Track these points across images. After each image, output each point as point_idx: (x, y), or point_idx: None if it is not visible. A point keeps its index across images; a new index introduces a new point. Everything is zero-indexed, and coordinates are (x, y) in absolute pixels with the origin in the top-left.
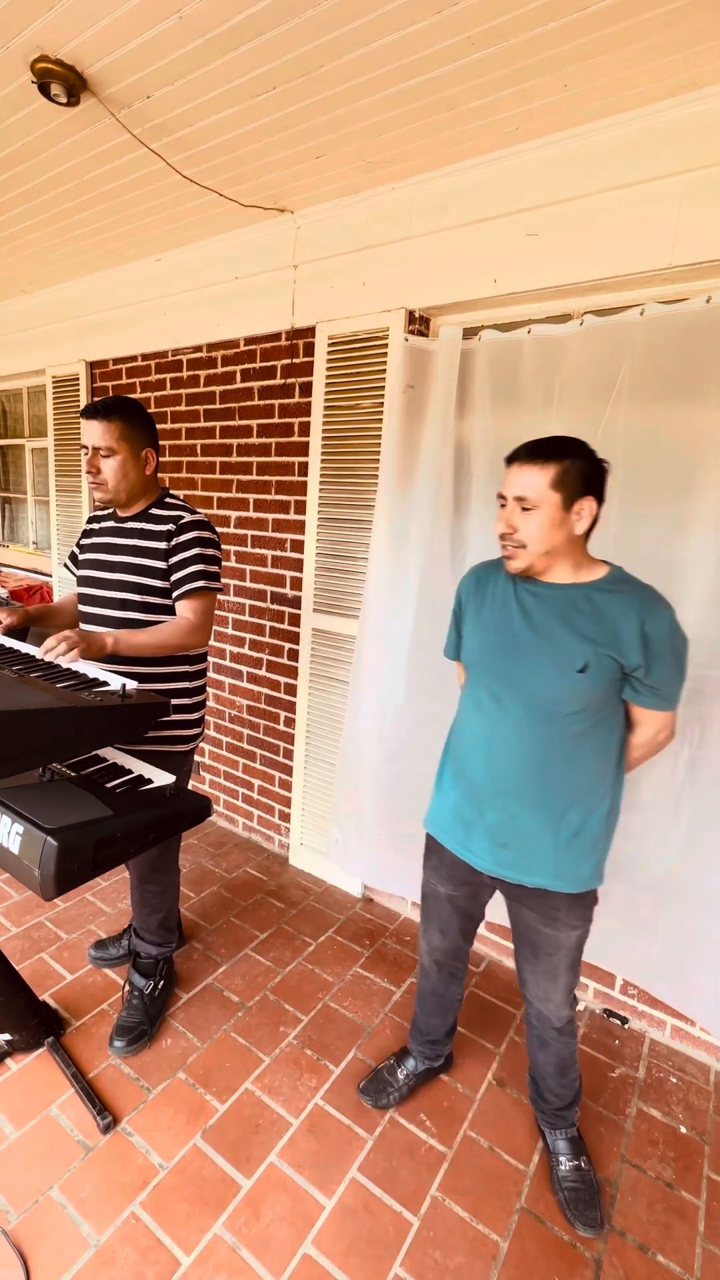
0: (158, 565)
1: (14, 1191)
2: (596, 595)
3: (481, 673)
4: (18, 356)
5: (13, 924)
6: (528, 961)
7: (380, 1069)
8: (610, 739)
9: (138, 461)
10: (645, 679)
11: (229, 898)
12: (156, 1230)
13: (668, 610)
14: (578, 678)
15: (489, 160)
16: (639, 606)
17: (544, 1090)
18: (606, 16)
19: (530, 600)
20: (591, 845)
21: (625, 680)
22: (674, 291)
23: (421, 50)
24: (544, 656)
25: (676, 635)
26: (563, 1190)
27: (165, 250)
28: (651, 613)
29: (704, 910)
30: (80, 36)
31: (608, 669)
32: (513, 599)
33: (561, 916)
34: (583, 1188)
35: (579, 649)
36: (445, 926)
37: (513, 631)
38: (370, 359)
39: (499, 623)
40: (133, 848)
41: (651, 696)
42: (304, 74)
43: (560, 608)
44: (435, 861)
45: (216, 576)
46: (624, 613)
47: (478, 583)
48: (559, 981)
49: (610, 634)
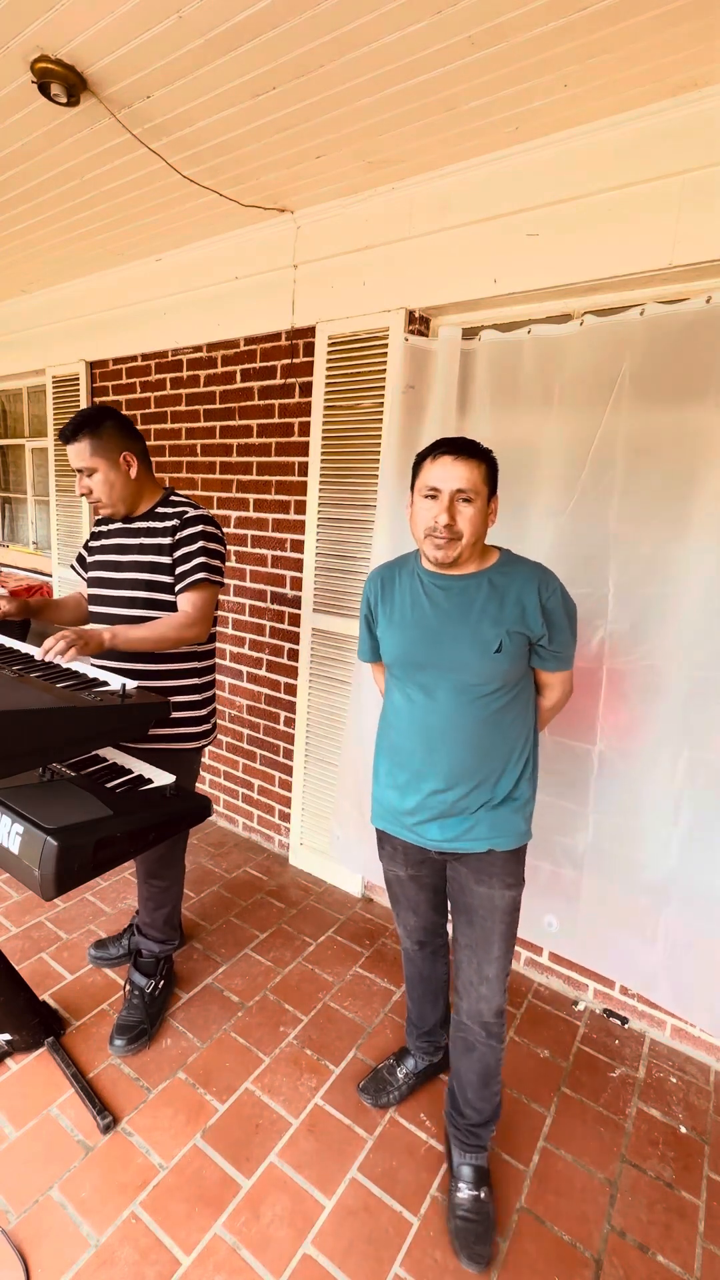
0: (164, 561)
1: (14, 1191)
2: (496, 578)
3: (408, 668)
4: (18, 356)
5: (13, 924)
6: (463, 933)
7: (379, 1068)
8: (527, 706)
9: (119, 469)
10: (549, 645)
11: (229, 898)
12: (156, 1230)
13: (557, 581)
14: (496, 658)
15: (489, 160)
16: (535, 581)
17: (460, 1103)
18: (606, 16)
19: (439, 594)
20: (523, 802)
21: (531, 651)
22: (674, 291)
23: (421, 50)
24: (463, 644)
25: (568, 601)
26: (455, 1218)
27: (165, 250)
28: (545, 585)
29: (704, 914)
30: (80, 36)
31: (519, 644)
32: (422, 594)
33: (496, 873)
34: (476, 1220)
35: (492, 631)
36: (415, 905)
37: (429, 626)
38: (370, 359)
39: (414, 619)
40: (133, 848)
41: (555, 660)
42: (304, 74)
43: (469, 595)
44: (389, 850)
45: (219, 571)
46: (524, 590)
47: (384, 585)
48: (492, 954)
49: (516, 612)
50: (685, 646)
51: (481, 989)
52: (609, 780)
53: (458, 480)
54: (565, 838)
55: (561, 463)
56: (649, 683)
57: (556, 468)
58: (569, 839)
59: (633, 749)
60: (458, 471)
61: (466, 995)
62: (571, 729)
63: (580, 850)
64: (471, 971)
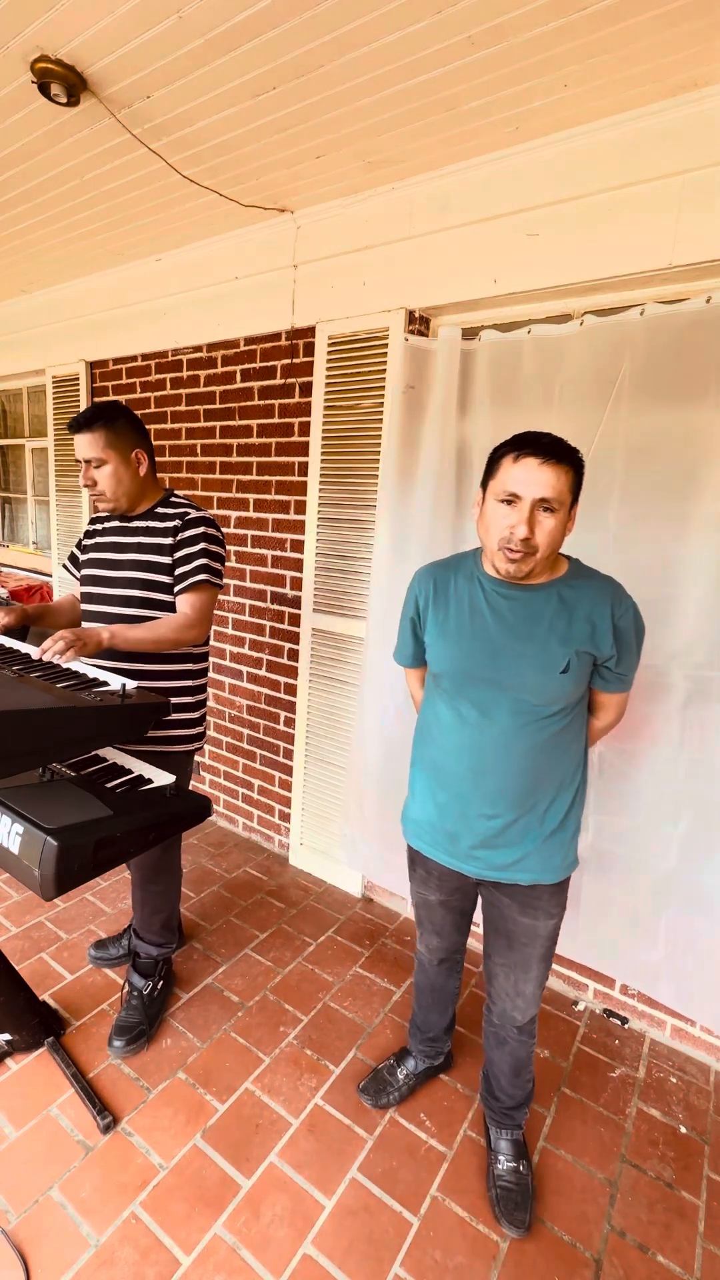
0: (163, 561)
1: (14, 1191)
2: (566, 592)
3: (462, 682)
4: (18, 356)
5: (13, 924)
6: (500, 955)
7: (380, 1069)
8: (582, 728)
9: (129, 465)
10: (615, 667)
11: (229, 898)
12: (156, 1230)
13: (630, 599)
14: (561, 679)
15: (489, 160)
16: (608, 597)
17: (495, 1089)
18: (606, 16)
19: (503, 604)
20: (572, 834)
21: (595, 671)
22: (674, 291)
23: (421, 50)
24: (527, 661)
25: (639, 620)
26: (496, 1187)
27: (165, 250)
28: (619, 603)
29: (705, 911)
30: (80, 36)
31: (585, 664)
32: (483, 603)
33: (542, 905)
34: (516, 1189)
35: (560, 650)
36: (441, 929)
37: (490, 638)
38: (370, 359)
39: (473, 630)
40: (133, 848)
41: (618, 682)
42: (304, 74)
43: (536, 609)
44: (421, 873)
45: (219, 573)
46: (595, 607)
47: (436, 587)
48: (530, 974)
49: (585, 630)
50: (685, 646)
51: (517, 1000)
52: (610, 781)
53: (542, 488)
54: None
55: None
56: (649, 682)
57: None
58: None
59: (633, 749)
60: (543, 477)
61: (500, 1001)
62: None
63: (581, 851)
64: (508, 985)
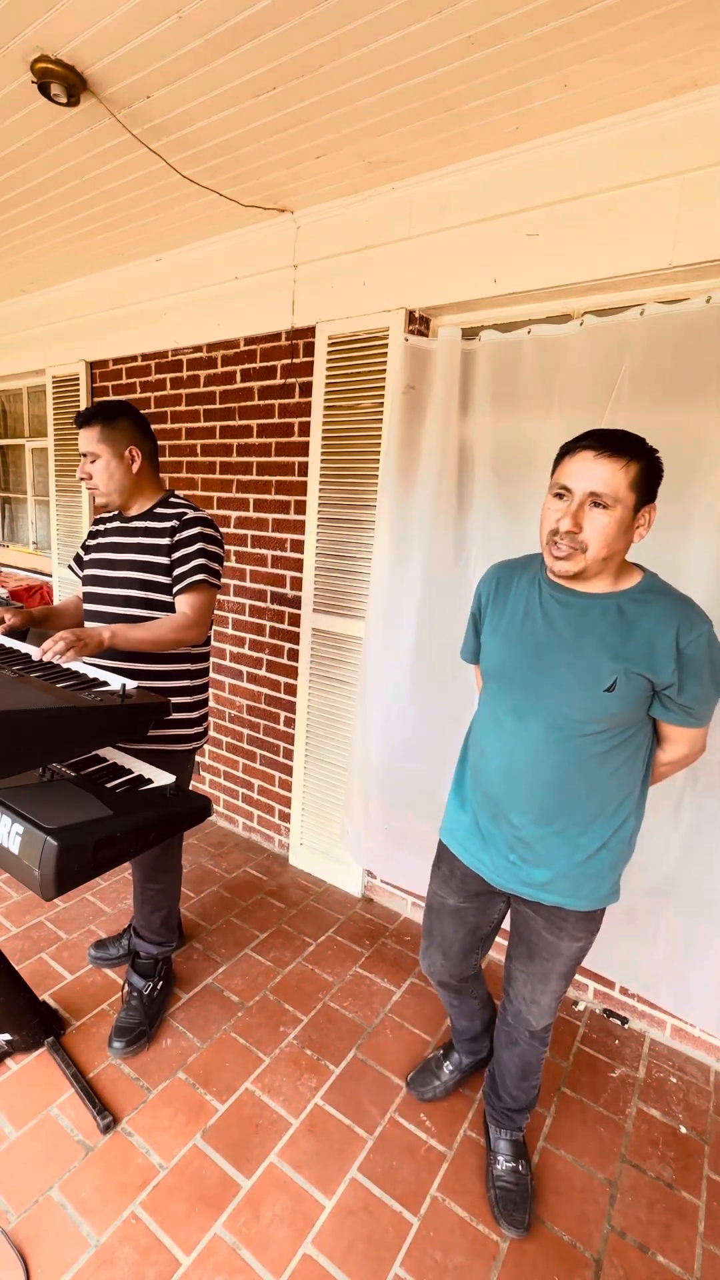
0: (161, 562)
1: (14, 1191)
2: (629, 606)
3: (504, 684)
4: (18, 356)
5: (13, 924)
6: (520, 961)
7: (429, 1060)
8: (636, 757)
9: (121, 461)
10: (677, 697)
11: (229, 898)
12: (156, 1230)
13: (705, 623)
14: (605, 697)
15: (489, 160)
16: (675, 619)
17: (500, 1089)
18: (606, 16)
19: (557, 609)
20: (612, 864)
21: (654, 697)
22: (674, 291)
23: (421, 50)
24: (570, 672)
25: (715, 649)
26: (495, 1188)
27: (165, 250)
28: (689, 627)
29: (704, 914)
30: (80, 36)
31: (637, 687)
32: (537, 606)
33: (569, 928)
34: (515, 1190)
35: (608, 666)
36: (448, 945)
37: (537, 643)
38: (370, 359)
39: (522, 632)
40: (133, 848)
41: (682, 714)
42: (304, 74)
43: (590, 619)
44: (445, 871)
45: (217, 573)
46: (659, 626)
47: (499, 584)
48: (549, 987)
49: (643, 650)
50: None
51: (532, 1007)
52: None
53: (594, 481)
54: None
55: None
56: None
57: None
58: None
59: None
60: (597, 471)
61: (516, 1003)
62: None
63: None
64: (525, 990)
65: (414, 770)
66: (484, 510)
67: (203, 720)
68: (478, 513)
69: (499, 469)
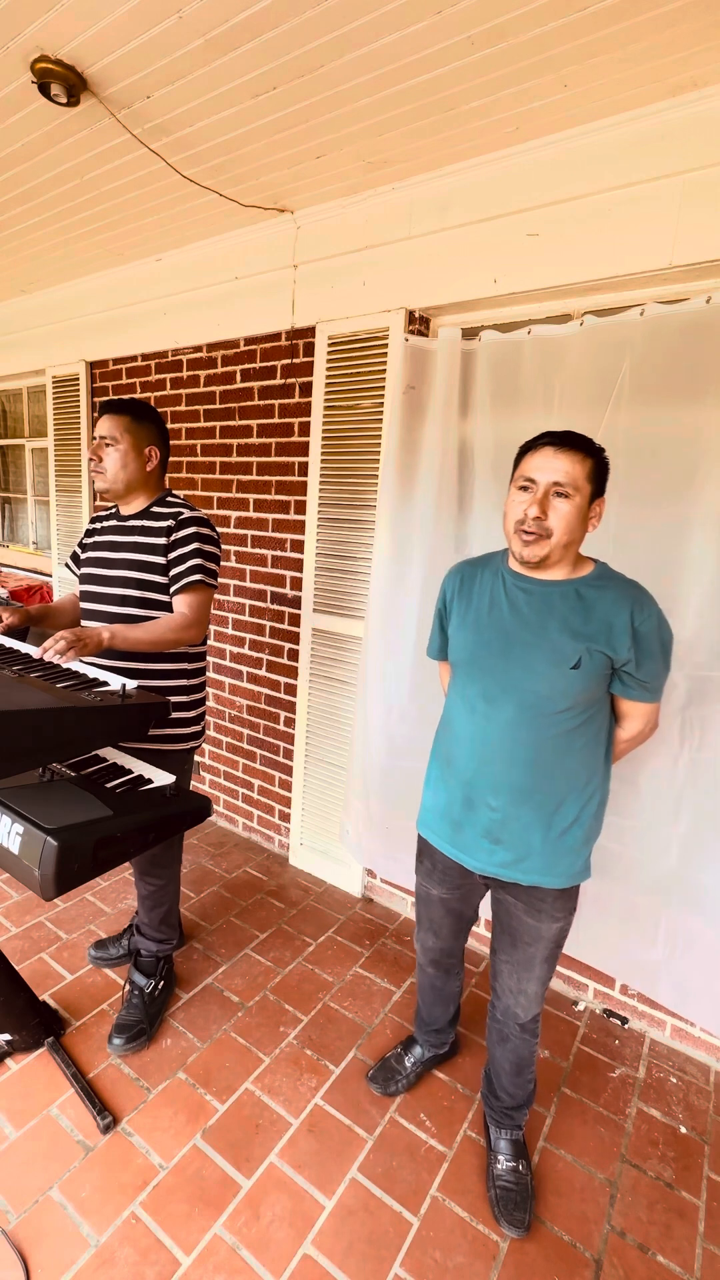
0: (158, 561)
1: (14, 1191)
2: (586, 590)
3: (473, 671)
4: (18, 356)
5: (13, 924)
6: (505, 951)
7: (388, 1057)
8: (600, 733)
9: (139, 456)
10: (635, 673)
11: (229, 898)
12: (156, 1230)
13: (655, 605)
14: (571, 674)
15: (489, 160)
16: (629, 601)
17: (496, 1088)
18: (606, 17)
19: (521, 596)
20: (584, 839)
21: (614, 675)
22: (674, 291)
23: (421, 50)
24: (538, 653)
25: (664, 629)
26: (495, 1188)
27: (165, 250)
28: (641, 607)
29: (704, 912)
30: (80, 36)
31: (599, 664)
32: (503, 595)
33: (547, 908)
34: (515, 1190)
35: (571, 645)
36: (438, 929)
37: (505, 629)
38: (370, 359)
39: (489, 621)
40: (133, 848)
41: (640, 690)
42: (304, 74)
43: (552, 603)
44: (427, 865)
45: (214, 573)
46: (614, 608)
47: (463, 580)
48: (533, 974)
49: (602, 629)
50: (686, 646)
51: (519, 998)
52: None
53: (556, 472)
54: None
55: None
56: None
57: None
58: None
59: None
60: (557, 464)
61: (504, 997)
62: None
63: None
64: (511, 981)
65: (414, 770)
66: (484, 510)
67: (200, 720)
68: (478, 513)
69: (499, 469)
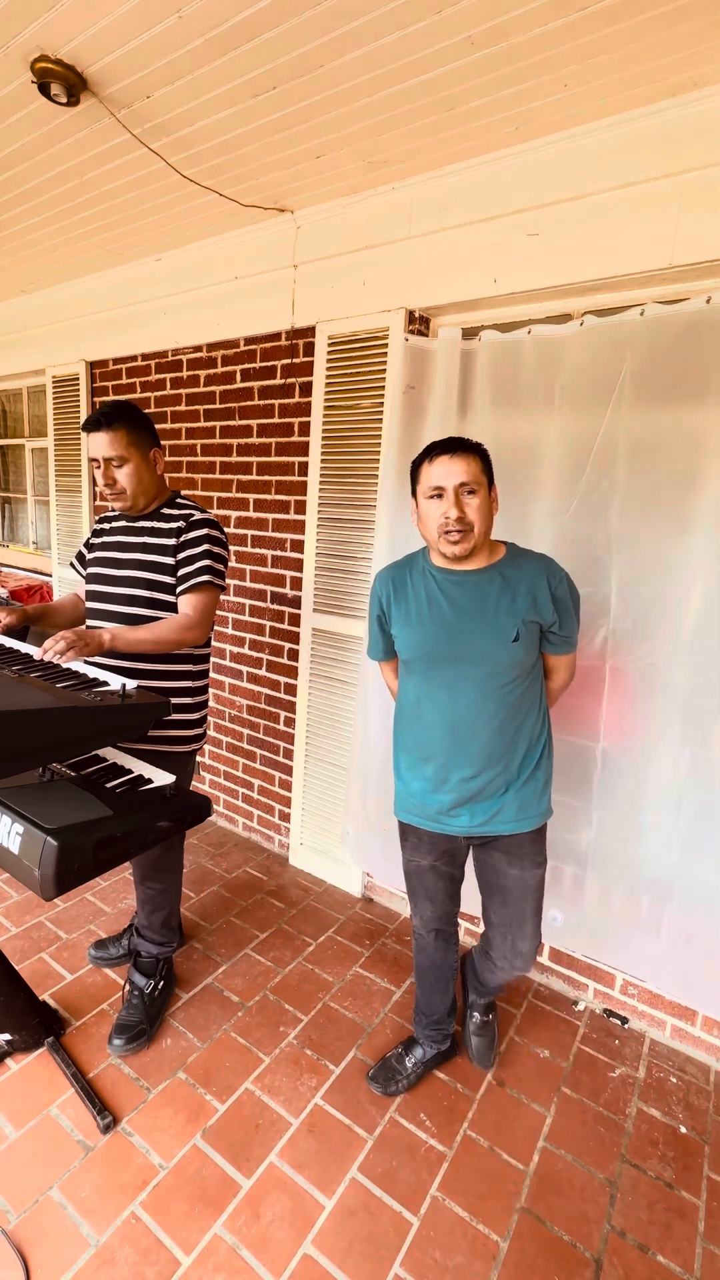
0: (166, 562)
1: (14, 1191)
2: (507, 571)
3: (430, 665)
4: (18, 356)
5: (13, 924)
6: (496, 911)
7: (388, 1057)
8: (538, 689)
9: (149, 464)
10: (559, 630)
11: (229, 898)
12: (156, 1230)
13: (562, 569)
14: (514, 647)
15: (489, 160)
16: (544, 572)
17: (482, 982)
18: (606, 16)
19: (455, 589)
20: (545, 781)
21: (542, 637)
22: (674, 291)
23: (422, 50)
24: (483, 637)
25: (573, 587)
26: (472, 1037)
27: (165, 250)
28: (553, 574)
29: (706, 906)
30: (80, 36)
31: (533, 632)
32: (438, 592)
33: (526, 853)
34: (486, 1036)
35: (509, 621)
36: (433, 894)
37: (448, 622)
38: (370, 359)
39: (432, 616)
40: (133, 848)
41: (563, 644)
42: (304, 74)
43: (483, 589)
44: (414, 841)
45: (221, 575)
46: (534, 580)
47: (395, 585)
48: (526, 929)
49: (528, 601)
50: (687, 645)
51: (515, 961)
52: (612, 777)
53: (459, 475)
54: (570, 834)
55: (563, 463)
56: (651, 681)
57: (558, 468)
58: (573, 835)
59: (635, 746)
60: (456, 467)
61: (501, 964)
62: (575, 727)
63: (584, 846)
64: (506, 947)
65: None
66: None
67: (203, 721)
68: None
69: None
